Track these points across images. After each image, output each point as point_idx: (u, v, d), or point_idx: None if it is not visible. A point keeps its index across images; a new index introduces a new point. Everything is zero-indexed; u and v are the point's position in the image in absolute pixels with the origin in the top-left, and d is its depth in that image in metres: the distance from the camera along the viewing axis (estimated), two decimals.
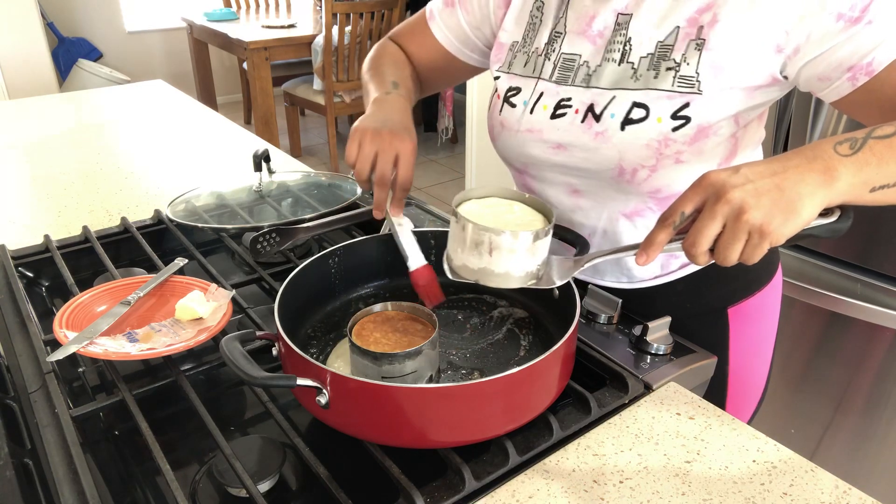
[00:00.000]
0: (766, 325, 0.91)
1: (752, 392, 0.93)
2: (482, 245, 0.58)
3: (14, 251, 0.99)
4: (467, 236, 0.59)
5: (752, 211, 0.51)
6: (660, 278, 0.85)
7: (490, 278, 0.60)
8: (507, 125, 0.83)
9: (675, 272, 0.84)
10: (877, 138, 0.54)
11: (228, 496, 0.62)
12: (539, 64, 0.81)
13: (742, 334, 0.87)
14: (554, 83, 0.79)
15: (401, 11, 3.74)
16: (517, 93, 0.82)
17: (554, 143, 0.78)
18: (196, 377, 0.74)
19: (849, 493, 0.60)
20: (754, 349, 0.90)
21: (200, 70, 4.65)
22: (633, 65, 0.73)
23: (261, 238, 0.88)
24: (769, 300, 0.89)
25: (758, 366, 0.92)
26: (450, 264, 0.62)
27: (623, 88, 0.73)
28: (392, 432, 0.59)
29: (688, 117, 0.69)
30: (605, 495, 0.60)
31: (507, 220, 0.62)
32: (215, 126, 1.72)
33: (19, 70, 3.48)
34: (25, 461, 0.64)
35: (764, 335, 0.91)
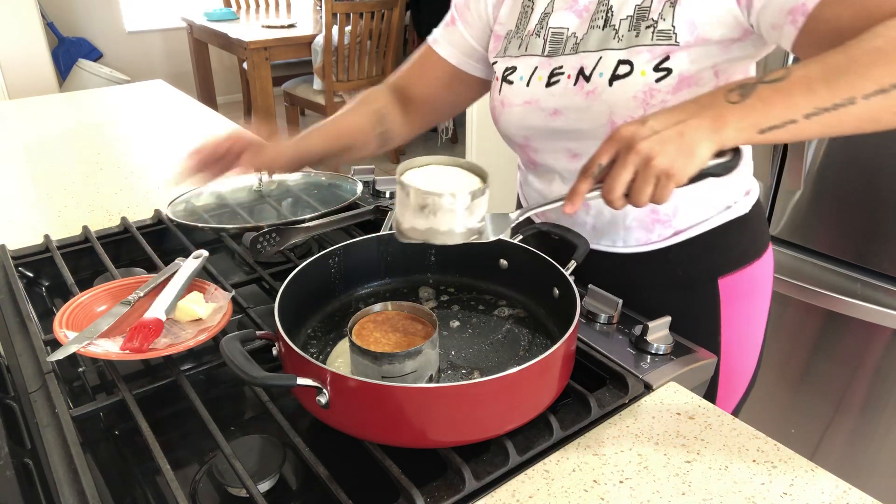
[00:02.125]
0: (756, 302, 0.93)
1: (744, 370, 0.95)
2: (426, 207, 0.63)
3: (14, 251, 0.99)
4: (412, 201, 0.63)
5: (659, 157, 0.58)
6: (654, 244, 0.87)
7: (436, 237, 0.64)
8: (507, 101, 0.88)
9: (669, 238, 0.87)
10: (766, 83, 0.59)
11: (228, 496, 0.62)
12: (531, 43, 0.86)
13: (733, 309, 0.89)
14: (546, 56, 0.84)
15: (401, 11, 3.74)
16: (514, 71, 0.87)
17: (551, 110, 0.83)
18: (196, 377, 0.74)
19: (849, 493, 0.60)
20: (745, 326, 0.92)
21: (200, 70, 4.65)
22: (615, 27, 0.78)
23: (261, 238, 0.88)
24: (760, 277, 0.92)
25: (749, 344, 0.94)
26: (398, 228, 0.66)
27: (608, 48, 0.77)
28: (392, 432, 0.59)
29: (669, 69, 0.74)
30: (605, 495, 0.60)
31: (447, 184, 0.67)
32: (215, 126, 1.72)
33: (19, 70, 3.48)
34: (25, 461, 0.64)
35: (755, 313, 0.93)
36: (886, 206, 1.31)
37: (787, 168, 1.43)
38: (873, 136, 1.28)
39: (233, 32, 3.81)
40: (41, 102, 1.91)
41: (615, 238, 0.89)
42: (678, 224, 0.86)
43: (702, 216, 0.86)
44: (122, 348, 0.71)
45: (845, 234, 1.39)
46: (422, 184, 0.64)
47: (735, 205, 0.87)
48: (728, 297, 0.89)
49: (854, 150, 1.33)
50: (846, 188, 1.36)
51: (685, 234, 0.86)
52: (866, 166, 1.32)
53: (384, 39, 3.76)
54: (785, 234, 1.50)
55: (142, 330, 0.72)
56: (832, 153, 1.36)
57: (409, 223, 0.64)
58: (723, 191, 0.86)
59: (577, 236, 0.80)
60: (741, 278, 0.89)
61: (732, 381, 0.94)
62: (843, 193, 1.37)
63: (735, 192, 0.87)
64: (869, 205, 1.34)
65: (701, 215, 0.86)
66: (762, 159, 1.47)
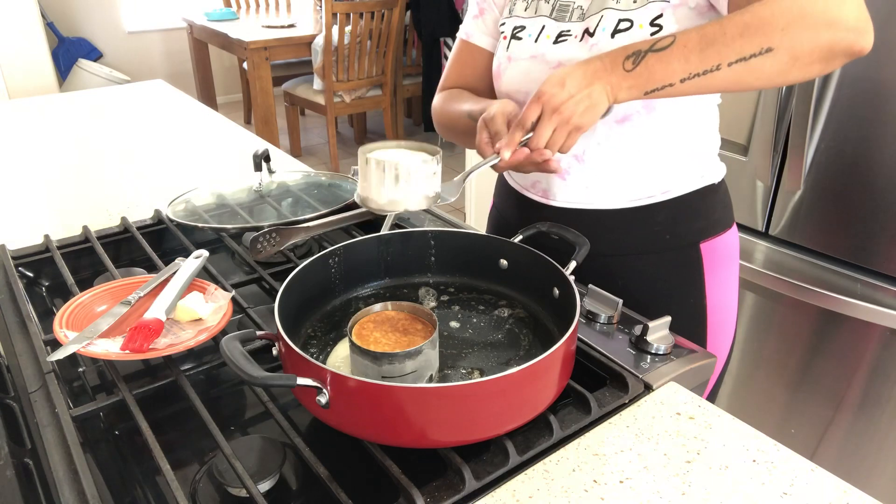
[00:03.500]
0: (732, 269, 1.00)
1: (727, 329, 1.02)
2: (390, 177, 0.72)
3: (14, 251, 0.99)
4: (386, 174, 0.72)
5: (574, 117, 0.73)
6: (641, 201, 0.92)
7: (397, 204, 0.73)
8: (514, 56, 0.93)
9: (657, 196, 0.92)
10: (654, 51, 0.72)
11: (228, 496, 0.62)
12: (538, 6, 0.93)
13: (714, 272, 0.96)
14: (553, 20, 0.90)
15: (401, 11, 3.74)
16: (523, 29, 0.93)
17: (555, 63, 0.88)
18: (196, 377, 0.74)
19: (849, 493, 0.60)
20: (725, 292, 0.99)
21: (200, 70, 4.65)
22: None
23: (261, 238, 0.88)
24: (732, 244, 1.00)
25: (729, 311, 1.01)
26: (369, 203, 0.75)
27: (609, 8, 0.84)
28: (392, 432, 0.59)
29: (661, 25, 0.82)
30: (605, 495, 0.60)
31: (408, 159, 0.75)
32: (215, 126, 1.73)
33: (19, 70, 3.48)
34: (25, 461, 0.64)
35: (731, 279, 1.01)
36: (885, 206, 1.31)
37: (787, 168, 1.43)
38: (872, 135, 1.28)
39: (233, 32, 3.81)
40: (41, 102, 1.91)
41: (606, 193, 0.93)
42: (663, 181, 0.91)
43: (683, 178, 0.92)
44: (122, 348, 0.71)
45: (845, 234, 1.39)
46: (391, 158, 0.73)
47: (708, 173, 0.94)
48: (710, 262, 0.95)
49: (853, 151, 1.33)
50: (845, 188, 1.36)
51: (669, 195, 0.92)
52: (865, 166, 1.32)
53: (384, 39, 3.76)
54: (784, 234, 1.50)
55: (142, 330, 0.72)
56: (832, 154, 1.36)
57: (385, 196, 0.73)
58: (697, 158, 0.93)
59: (577, 236, 0.80)
60: (718, 243, 0.96)
61: (719, 335, 1.00)
62: (843, 193, 1.37)
63: (707, 163, 0.94)
64: (868, 204, 1.34)
65: (682, 177, 0.92)
66: (762, 159, 1.47)
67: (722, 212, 0.98)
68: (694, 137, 0.91)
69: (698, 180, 0.93)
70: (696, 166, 0.93)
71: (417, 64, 4.21)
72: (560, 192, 0.95)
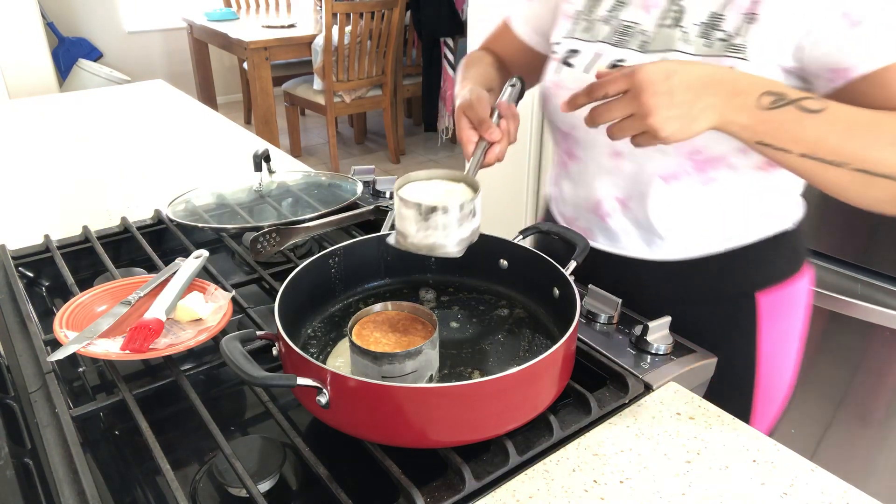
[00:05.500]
0: (795, 320, 0.90)
1: (781, 388, 0.92)
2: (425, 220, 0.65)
3: (14, 251, 0.99)
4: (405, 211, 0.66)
5: (657, 118, 0.60)
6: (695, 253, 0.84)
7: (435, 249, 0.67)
8: (563, 84, 0.86)
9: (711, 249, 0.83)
10: (800, 107, 0.61)
11: (228, 496, 0.62)
12: (599, 29, 0.84)
13: (772, 323, 0.86)
14: (612, 45, 0.81)
15: (401, 11, 3.74)
16: (576, 55, 0.85)
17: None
18: (196, 377, 0.74)
19: (849, 492, 0.60)
20: (783, 343, 0.89)
21: (200, 70, 4.65)
22: (685, 29, 0.74)
23: (261, 238, 0.88)
24: (799, 293, 0.89)
25: (786, 362, 0.91)
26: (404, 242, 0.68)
27: (674, 50, 0.75)
28: (392, 432, 0.59)
29: None
30: (605, 495, 0.60)
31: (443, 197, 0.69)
32: (215, 126, 1.73)
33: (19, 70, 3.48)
34: (25, 461, 0.63)
35: (793, 330, 0.90)
36: None
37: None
38: None
39: (233, 32, 3.81)
40: (41, 102, 1.91)
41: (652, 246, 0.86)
42: (720, 236, 0.83)
43: (747, 228, 0.83)
44: (122, 348, 0.71)
45: (845, 234, 1.39)
46: (423, 198, 0.66)
47: (780, 219, 0.84)
48: (767, 313, 0.86)
49: None
50: None
51: (726, 246, 0.83)
52: None
53: (384, 39, 3.76)
54: None
55: (142, 330, 0.72)
56: None
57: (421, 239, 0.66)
58: (771, 204, 0.83)
59: (577, 236, 0.80)
60: (780, 294, 0.86)
61: (769, 400, 0.91)
62: None
63: (783, 207, 0.85)
64: None
65: (744, 229, 0.83)
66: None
67: (791, 258, 0.87)
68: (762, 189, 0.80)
69: (766, 229, 0.83)
70: (764, 215, 0.83)
71: (417, 64, 4.21)
72: (601, 234, 0.89)
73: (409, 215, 0.65)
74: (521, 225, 2.49)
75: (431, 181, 0.70)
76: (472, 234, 0.67)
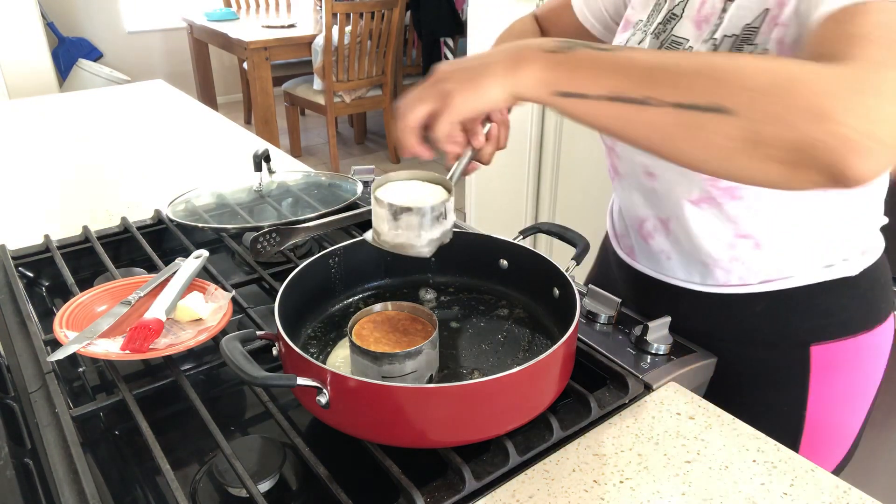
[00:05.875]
0: (859, 377, 0.81)
1: (836, 442, 0.84)
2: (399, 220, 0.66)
3: (14, 251, 0.99)
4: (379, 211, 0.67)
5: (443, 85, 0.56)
6: (734, 287, 0.79)
7: (406, 248, 0.67)
8: None
9: (755, 285, 0.78)
10: (591, 48, 0.54)
11: (228, 496, 0.62)
12: (650, 43, 0.78)
13: (827, 379, 0.79)
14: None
15: (401, 11, 3.74)
16: None
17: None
18: (196, 377, 0.74)
19: (849, 493, 0.60)
20: (842, 399, 0.81)
21: (200, 70, 4.65)
22: (717, 41, 0.70)
23: (261, 238, 0.88)
24: (868, 350, 0.80)
25: (846, 418, 0.83)
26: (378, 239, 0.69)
27: None
28: (392, 432, 0.59)
29: None
30: (605, 495, 0.60)
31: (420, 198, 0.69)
32: (215, 126, 1.73)
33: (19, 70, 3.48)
34: (25, 461, 0.64)
35: (856, 386, 0.82)
36: None
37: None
38: None
39: (233, 32, 3.81)
40: (41, 102, 1.91)
41: (692, 272, 0.82)
42: (761, 270, 0.77)
43: (793, 269, 0.76)
44: (122, 348, 0.71)
45: None
46: (399, 199, 0.67)
47: (842, 263, 0.76)
48: (821, 367, 0.78)
49: None
50: None
51: (771, 286, 0.77)
52: None
53: (384, 39, 3.76)
54: None
55: (142, 330, 0.72)
56: None
57: (395, 238, 0.67)
58: (823, 244, 0.75)
59: (577, 236, 0.80)
60: (841, 349, 0.78)
61: (821, 453, 0.83)
62: None
63: (842, 248, 0.76)
64: None
65: (792, 267, 0.76)
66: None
67: (857, 311, 0.78)
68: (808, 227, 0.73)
69: (820, 272, 0.75)
70: (818, 255, 0.75)
71: (417, 64, 4.21)
72: (643, 255, 0.87)
73: (383, 214, 0.67)
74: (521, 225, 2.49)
75: (410, 181, 0.71)
76: (442, 236, 0.68)
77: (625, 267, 0.91)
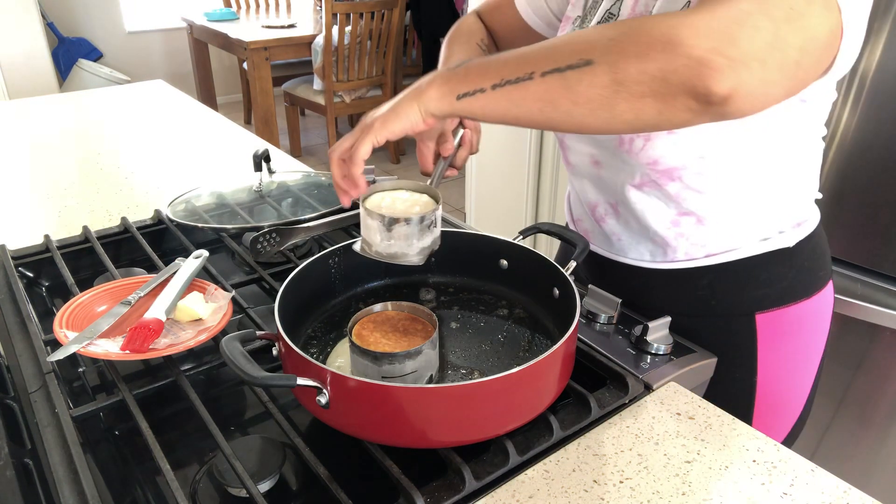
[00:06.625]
0: (804, 341, 0.85)
1: (786, 411, 0.88)
2: (386, 230, 0.68)
3: (14, 251, 0.99)
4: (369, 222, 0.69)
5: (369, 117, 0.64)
6: (680, 262, 0.83)
7: (396, 258, 0.69)
8: None
9: (698, 260, 0.81)
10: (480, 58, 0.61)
11: (228, 496, 0.62)
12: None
13: (773, 346, 0.83)
14: None
15: (401, 11, 3.74)
16: None
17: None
18: (196, 377, 0.74)
19: (849, 493, 0.60)
20: (789, 365, 0.85)
21: (200, 70, 4.65)
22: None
23: (261, 238, 0.88)
24: (809, 316, 0.84)
25: (794, 384, 0.87)
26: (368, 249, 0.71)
27: None
28: (392, 432, 0.59)
29: None
30: (605, 495, 0.60)
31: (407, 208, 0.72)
32: (215, 126, 1.73)
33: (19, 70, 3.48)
34: (25, 461, 0.64)
35: (801, 352, 0.86)
36: (884, 204, 1.31)
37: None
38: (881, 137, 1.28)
39: (233, 32, 3.81)
40: (41, 102, 1.91)
41: (642, 251, 0.85)
42: (705, 244, 0.80)
43: (734, 242, 0.80)
44: (122, 348, 0.71)
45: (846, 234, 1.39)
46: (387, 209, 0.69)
47: (778, 235, 0.80)
48: (767, 335, 0.82)
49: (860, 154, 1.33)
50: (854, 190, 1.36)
51: (716, 259, 0.80)
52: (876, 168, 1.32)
53: (384, 39, 3.76)
54: None
55: (142, 330, 0.72)
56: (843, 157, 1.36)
57: (383, 248, 0.69)
58: (761, 218, 0.79)
59: (577, 236, 0.80)
60: (784, 316, 0.82)
61: (773, 420, 0.88)
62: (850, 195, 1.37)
63: (779, 222, 0.80)
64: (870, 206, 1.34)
65: (733, 241, 0.80)
66: None
67: (796, 279, 0.82)
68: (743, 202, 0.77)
69: (758, 245, 0.79)
70: (756, 229, 0.79)
71: (417, 64, 4.22)
72: (599, 237, 0.90)
73: (374, 226, 0.68)
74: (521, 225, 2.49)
75: (397, 191, 0.73)
76: (432, 243, 0.71)
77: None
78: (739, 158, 0.73)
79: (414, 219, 0.67)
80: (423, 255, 0.70)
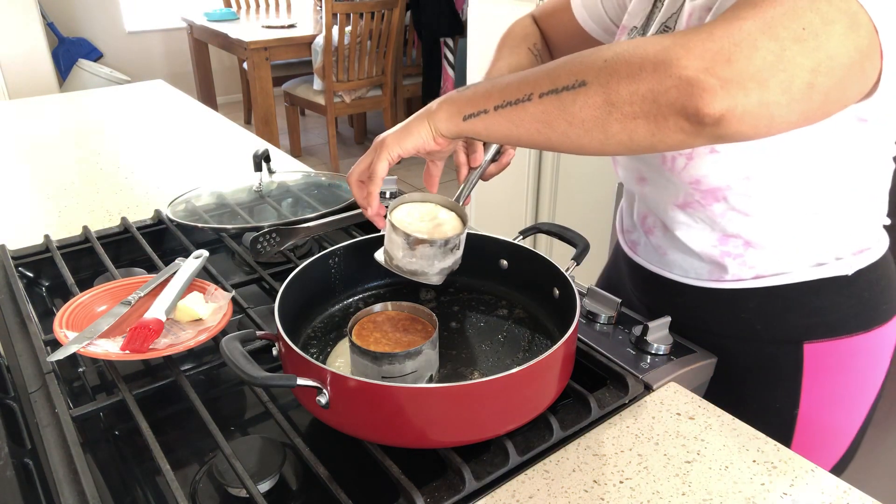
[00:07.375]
0: (856, 378, 0.80)
1: (828, 446, 0.84)
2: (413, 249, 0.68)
3: (14, 251, 0.99)
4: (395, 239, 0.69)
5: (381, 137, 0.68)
6: (726, 282, 0.79)
7: (418, 276, 0.70)
8: None
9: (745, 281, 0.78)
10: (486, 81, 0.64)
11: (228, 496, 0.62)
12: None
13: (820, 378, 0.79)
14: None
15: (401, 11, 3.74)
16: None
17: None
18: (196, 377, 0.74)
19: (849, 493, 0.60)
20: (836, 399, 0.80)
21: (200, 70, 4.65)
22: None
23: (261, 238, 0.88)
24: (865, 351, 0.79)
25: (840, 420, 0.82)
26: (390, 263, 0.71)
27: None
28: (392, 432, 0.59)
29: None
30: (605, 495, 0.60)
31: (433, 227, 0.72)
32: (215, 126, 1.73)
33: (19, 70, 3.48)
34: (25, 461, 0.64)
35: (854, 388, 0.81)
36: None
37: None
38: None
39: (233, 32, 3.81)
40: (41, 102, 1.91)
41: (686, 267, 0.83)
42: (754, 266, 0.77)
43: (785, 266, 0.76)
44: (122, 348, 0.71)
45: None
46: (411, 226, 0.70)
47: (836, 262, 0.75)
48: (814, 366, 0.78)
49: None
50: None
51: (764, 282, 0.77)
52: None
53: (384, 39, 3.76)
54: None
55: (142, 330, 0.72)
56: None
57: (406, 264, 0.70)
58: (816, 242, 0.74)
59: (577, 236, 0.80)
60: (836, 348, 0.77)
61: (812, 454, 0.82)
62: None
63: (837, 247, 0.75)
64: None
65: (784, 264, 0.76)
66: None
67: (852, 311, 0.77)
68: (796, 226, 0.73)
69: (810, 271, 0.75)
70: (809, 253, 0.75)
71: (417, 64, 4.21)
72: (644, 249, 0.88)
73: (398, 241, 0.68)
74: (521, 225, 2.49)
75: (425, 204, 0.73)
76: (453, 265, 0.71)
77: (629, 262, 0.92)
78: (789, 180, 0.70)
79: (438, 241, 0.67)
80: (443, 275, 0.71)
